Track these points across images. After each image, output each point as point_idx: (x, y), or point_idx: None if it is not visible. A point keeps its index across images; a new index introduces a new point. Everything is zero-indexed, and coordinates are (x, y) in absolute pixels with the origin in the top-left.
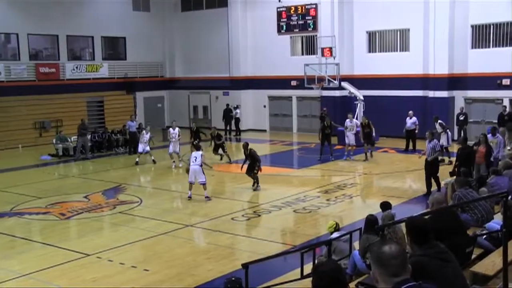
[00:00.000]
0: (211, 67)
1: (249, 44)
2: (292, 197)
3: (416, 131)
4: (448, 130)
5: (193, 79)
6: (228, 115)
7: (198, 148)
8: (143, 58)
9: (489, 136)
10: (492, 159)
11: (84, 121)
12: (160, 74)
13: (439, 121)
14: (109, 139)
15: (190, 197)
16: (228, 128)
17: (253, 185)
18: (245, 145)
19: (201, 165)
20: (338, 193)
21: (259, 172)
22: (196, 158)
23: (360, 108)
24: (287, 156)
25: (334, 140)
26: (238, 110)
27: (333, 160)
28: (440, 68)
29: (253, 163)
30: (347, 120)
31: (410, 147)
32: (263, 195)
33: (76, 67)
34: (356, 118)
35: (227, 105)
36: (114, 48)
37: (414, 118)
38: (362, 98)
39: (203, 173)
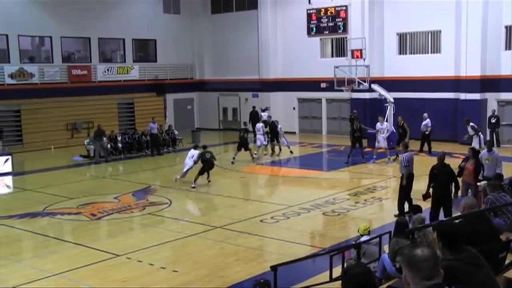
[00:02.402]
0: (240, 69)
1: (279, 46)
2: (321, 199)
3: (427, 132)
4: (480, 133)
5: (222, 81)
6: (255, 118)
7: (196, 147)
8: (173, 60)
9: (483, 152)
10: (481, 177)
11: (101, 126)
12: (190, 76)
13: (470, 123)
14: (139, 140)
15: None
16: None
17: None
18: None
19: (194, 163)
20: (367, 195)
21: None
22: (193, 155)
23: (390, 111)
24: (316, 158)
25: (364, 142)
26: (266, 113)
27: (364, 162)
28: (472, 69)
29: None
30: (378, 123)
31: (426, 148)
32: (292, 197)
33: (108, 69)
34: (386, 121)
35: (253, 107)
36: (145, 50)
37: (427, 120)
38: (392, 100)
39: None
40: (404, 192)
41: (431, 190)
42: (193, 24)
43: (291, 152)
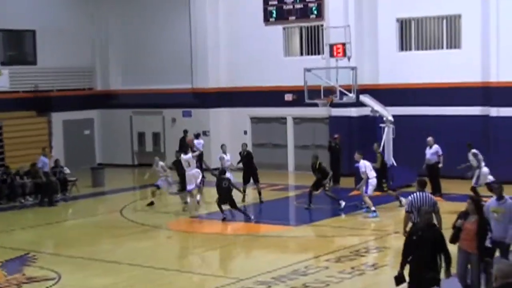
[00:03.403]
0: (164, 75)
1: (222, 40)
2: (287, 268)
3: (440, 164)
4: (483, 166)
5: (137, 92)
6: (187, 146)
7: (186, 151)
8: (62, 62)
9: (491, 201)
10: (489, 244)
11: None
12: (88, 85)
13: (472, 150)
14: (11, 184)
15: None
16: None
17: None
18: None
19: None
20: (356, 261)
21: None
22: (189, 162)
23: (388, 134)
24: (279, 207)
25: (349, 182)
26: (200, 141)
27: (341, 210)
28: (508, 73)
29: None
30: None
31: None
32: (244, 267)
33: None
34: (383, 148)
35: (185, 132)
36: (18, 47)
37: (435, 147)
38: (391, 119)
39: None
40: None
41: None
42: (94, 9)
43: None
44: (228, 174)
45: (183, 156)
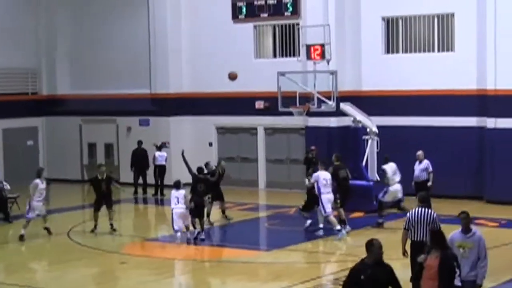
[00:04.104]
0: (119, 79)
1: (184, 40)
2: None
3: (429, 183)
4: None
5: (88, 98)
6: (142, 160)
7: (178, 186)
8: (2, 63)
9: (455, 234)
10: (458, 282)
11: None
12: (31, 90)
13: (389, 163)
14: None
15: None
16: (142, 182)
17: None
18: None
19: (186, 208)
20: None
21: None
22: (178, 198)
23: (372, 147)
24: (249, 229)
25: None
26: (163, 153)
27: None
28: (506, 80)
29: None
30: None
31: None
32: None
33: None
34: (366, 163)
35: (139, 143)
36: None
37: (425, 163)
38: (375, 130)
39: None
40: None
41: None
42: (40, 4)
43: (228, 219)
44: None
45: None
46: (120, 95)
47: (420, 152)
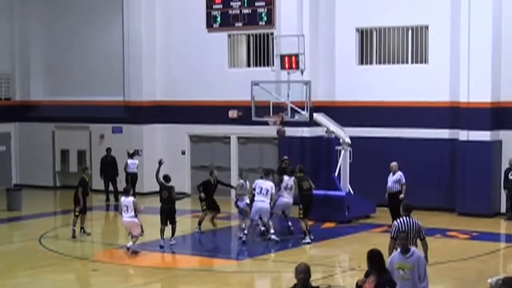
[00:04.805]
0: (92, 85)
1: (159, 47)
2: None
3: (401, 195)
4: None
5: (61, 104)
6: (111, 168)
7: (127, 192)
8: None
9: (395, 256)
10: None
11: None
12: (4, 95)
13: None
14: None
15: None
16: (112, 189)
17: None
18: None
19: (135, 216)
20: None
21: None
22: (127, 207)
23: (344, 158)
24: (221, 238)
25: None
26: (135, 161)
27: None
28: (479, 93)
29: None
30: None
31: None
32: None
33: None
34: (338, 173)
35: (108, 150)
36: None
37: (398, 174)
38: (348, 141)
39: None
40: None
41: None
42: (12, 5)
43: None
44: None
45: (123, 198)
46: (93, 102)
47: (393, 164)
